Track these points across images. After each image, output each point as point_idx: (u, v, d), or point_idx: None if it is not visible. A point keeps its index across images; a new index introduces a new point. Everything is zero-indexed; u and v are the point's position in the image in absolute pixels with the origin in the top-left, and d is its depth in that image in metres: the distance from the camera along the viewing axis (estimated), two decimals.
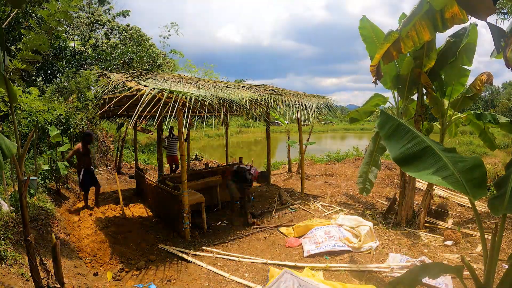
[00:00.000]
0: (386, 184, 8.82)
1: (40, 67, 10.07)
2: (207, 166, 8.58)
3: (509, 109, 33.53)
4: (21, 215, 2.64)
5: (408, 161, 2.18)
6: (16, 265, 3.18)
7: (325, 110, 7.15)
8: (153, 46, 17.88)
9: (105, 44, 15.48)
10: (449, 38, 5.11)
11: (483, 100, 43.47)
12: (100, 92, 4.98)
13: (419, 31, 3.38)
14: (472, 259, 4.26)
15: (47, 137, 6.15)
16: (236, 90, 5.48)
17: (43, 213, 4.53)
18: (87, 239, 4.81)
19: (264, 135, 10.21)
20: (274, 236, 5.12)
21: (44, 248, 3.81)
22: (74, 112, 5.93)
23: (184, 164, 4.87)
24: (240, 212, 6.13)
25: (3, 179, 4.54)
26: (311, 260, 4.21)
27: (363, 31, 5.56)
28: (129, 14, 19.81)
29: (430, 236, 5.07)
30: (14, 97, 2.60)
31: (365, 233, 4.61)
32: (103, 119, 9.03)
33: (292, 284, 3.01)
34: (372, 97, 6.37)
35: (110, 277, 3.80)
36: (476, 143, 20.01)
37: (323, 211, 6.40)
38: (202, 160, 14.04)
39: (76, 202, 6.63)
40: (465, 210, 6.37)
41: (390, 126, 2.39)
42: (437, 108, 5.46)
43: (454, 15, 3.02)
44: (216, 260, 4.22)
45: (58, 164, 5.89)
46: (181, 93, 4.20)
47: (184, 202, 4.79)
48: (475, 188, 1.95)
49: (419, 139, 2.23)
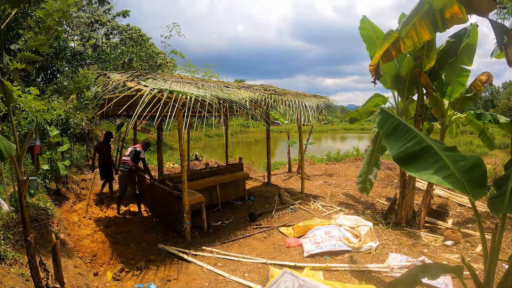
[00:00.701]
0: (386, 184, 8.82)
1: (40, 67, 10.07)
2: (207, 166, 8.57)
3: (509, 109, 33.50)
4: (21, 215, 2.64)
5: (408, 160, 2.17)
6: (16, 265, 3.18)
7: (325, 110, 7.15)
8: (153, 46, 17.87)
9: (105, 44, 15.48)
10: (450, 38, 5.12)
11: (483, 100, 43.44)
12: (100, 92, 4.98)
13: (419, 31, 3.37)
14: (472, 259, 4.26)
15: (47, 137, 6.14)
16: (236, 90, 5.48)
17: (43, 213, 4.52)
18: (87, 239, 4.81)
19: (264, 135, 10.21)
20: (274, 236, 5.11)
21: (44, 248, 3.81)
22: (73, 112, 5.93)
23: (184, 164, 4.87)
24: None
25: (3, 179, 4.54)
26: (311, 260, 4.20)
27: (363, 31, 5.56)
28: (129, 14, 19.80)
29: (430, 236, 5.07)
30: (11, 98, 2.59)
31: (365, 233, 4.60)
32: (103, 119, 9.03)
33: (292, 284, 3.01)
34: (372, 97, 6.37)
35: (110, 277, 3.80)
36: (476, 143, 20.02)
37: (323, 211, 6.40)
38: (202, 160, 14.03)
39: (76, 202, 6.62)
40: (465, 210, 6.37)
41: (390, 124, 2.38)
42: (437, 108, 5.46)
43: (454, 14, 3.01)
44: (216, 260, 4.22)
45: (58, 164, 5.89)
46: (181, 93, 4.20)
47: (184, 202, 4.78)
48: (475, 188, 1.95)
49: (419, 138, 2.22)
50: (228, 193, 7.03)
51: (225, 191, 6.90)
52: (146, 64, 14.37)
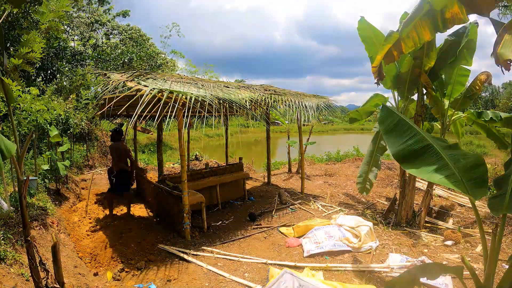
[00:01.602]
0: (386, 184, 8.82)
1: (40, 67, 10.07)
2: (207, 166, 8.57)
3: (509, 109, 33.51)
4: (21, 215, 2.63)
5: (409, 158, 2.15)
6: (16, 265, 3.18)
7: (325, 110, 7.15)
8: (153, 46, 17.87)
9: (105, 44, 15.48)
10: (449, 37, 5.11)
11: (483, 100, 43.43)
12: (100, 92, 4.97)
13: (420, 31, 3.37)
14: (472, 259, 4.26)
15: (47, 137, 6.14)
16: (236, 90, 5.48)
17: (43, 213, 4.52)
18: (87, 239, 4.81)
19: (264, 135, 10.20)
20: (274, 236, 5.11)
21: (44, 248, 3.81)
22: (73, 112, 5.93)
23: (184, 164, 4.87)
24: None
25: (3, 179, 4.54)
26: (311, 260, 4.20)
27: (362, 32, 5.55)
28: (129, 14, 19.79)
29: (430, 236, 5.07)
30: (11, 98, 2.60)
31: (365, 233, 4.60)
32: (103, 119, 9.02)
33: (292, 284, 3.01)
34: (372, 97, 6.36)
35: (110, 277, 3.80)
36: (476, 143, 20.02)
37: (323, 211, 6.40)
38: (202, 160, 14.03)
39: (76, 202, 6.63)
40: (465, 210, 6.37)
41: (391, 121, 2.36)
42: (437, 108, 5.46)
43: (454, 15, 3.01)
44: (216, 260, 4.22)
45: (58, 164, 5.89)
46: (181, 93, 4.20)
47: (184, 202, 4.78)
48: (476, 188, 1.95)
49: (420, 136, 2.21)
50: (228, 193, 7.03)
51: (225, 191, 6.90)
52: (146, 64, 14.38)
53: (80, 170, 10.51)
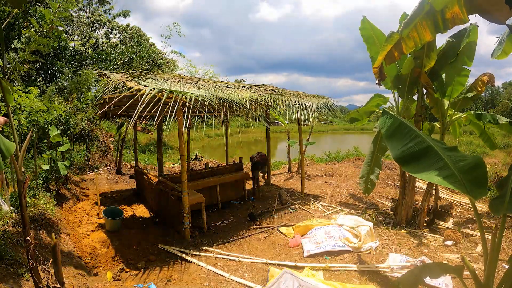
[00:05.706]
0: (386, 184, 8.82)
1: (40, 67, 10.07)
2: (207, 166, 8.57)
3: (509, 109, 33.51)
4: (21, 215, 2.64)
5: (409, 160, 2.17)
6: (16, 265, 3.18)
7: (325, 110, 7.15)
8: (153, 46, 17.89)
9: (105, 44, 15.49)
10: (450, 38, 5.11)
11: (483, 100, 43.42)
12: (100, 92, 4.98)
13: (420, 31, 3.37)
14: (472, 259, 4.26)
15: (47, 137, 6.14)
16: (236, 90, 5.48)
17: (43, 213, 4.52)
18: (87, 239, 4.81)
19: (264, 135, 10.21)
20: (274, 236, 5.11)
21: (44, 248, 3.81)
22: (74, 112, 5.93)
23: (184, 164, 4.87)
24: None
25: (3, 179, 4.53)
26: (311, 260, 4.20)
27: (364, 32, 5.55)
28: (129, 14, 19.81)
29: (430, 236, 5.06)
30: (9, 98, 2.60)
31: (365, 233, 4.60)
32: (103, 119, 9.03)
33: (292, 284, 3.01)
34: (373, 97, 6.36)
35: (110, 277, 3.79)
36: (476, 143, 20.01)
37: (323, 211, 6.40)
38: (202, 160, 14.02)
39: (76, 202, 6.63)
40: (465, 210, 6.37)
41: (392, 125, 2.39)
42: (437, 108, 5.46)
43: (455, 15, 3.01)
44: (216, 260, 4.22)
45: (58, 164, 5.88)
46: (181, 93, 4.20)
47: (184, 202, 4.78)
48: (476, 188, 1.95)
49: (420, 139, 2.23)
50: (228, 193, 7.03)
51: (225, 191, 6.90)
52: (146, 64, 14.38)
53: (80, 170, 10.51)
